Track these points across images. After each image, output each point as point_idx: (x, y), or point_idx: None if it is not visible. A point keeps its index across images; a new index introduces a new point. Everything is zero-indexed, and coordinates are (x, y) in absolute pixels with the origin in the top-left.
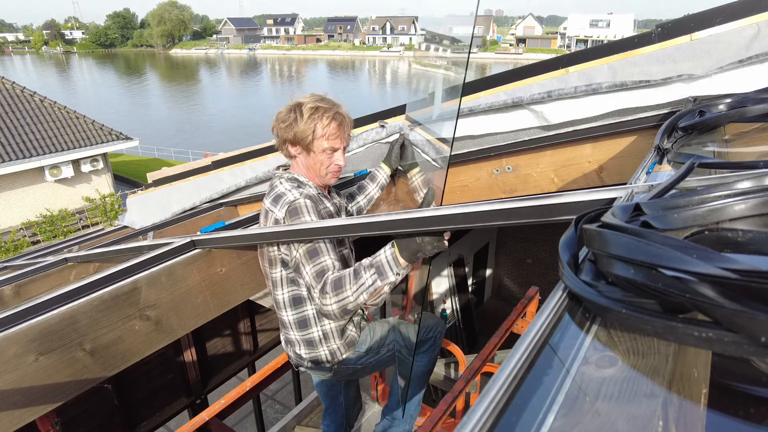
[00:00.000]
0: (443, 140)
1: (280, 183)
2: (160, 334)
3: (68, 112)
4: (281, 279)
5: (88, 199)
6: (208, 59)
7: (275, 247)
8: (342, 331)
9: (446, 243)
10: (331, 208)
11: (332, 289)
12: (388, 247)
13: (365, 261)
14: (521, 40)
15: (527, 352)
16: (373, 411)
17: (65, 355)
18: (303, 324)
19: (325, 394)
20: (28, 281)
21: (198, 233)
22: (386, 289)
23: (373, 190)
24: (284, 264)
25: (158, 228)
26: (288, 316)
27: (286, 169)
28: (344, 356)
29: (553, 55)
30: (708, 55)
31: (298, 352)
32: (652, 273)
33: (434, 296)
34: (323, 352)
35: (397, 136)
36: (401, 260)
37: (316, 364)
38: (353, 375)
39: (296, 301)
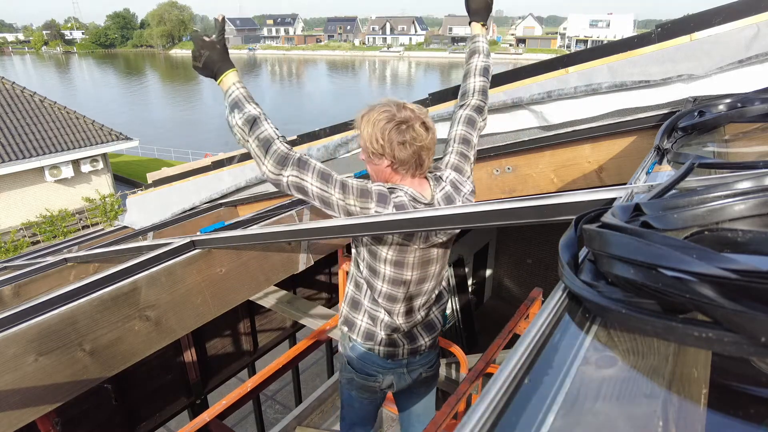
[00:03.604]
0: None
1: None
2: (160, 334)
3: (68, 112)
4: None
5: (88, 200)
6: None
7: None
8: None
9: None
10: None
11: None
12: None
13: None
14: (521, 41)
15: (527, 352)
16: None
17: (65, 355)
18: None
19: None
20: (28, 281)
21: (198, 233)
22: (229, 114)
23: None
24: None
25: (158, 228)
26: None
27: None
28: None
29: (553, 56)
30: (708, 55)
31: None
32: (652, 273)
33: None
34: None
35: None
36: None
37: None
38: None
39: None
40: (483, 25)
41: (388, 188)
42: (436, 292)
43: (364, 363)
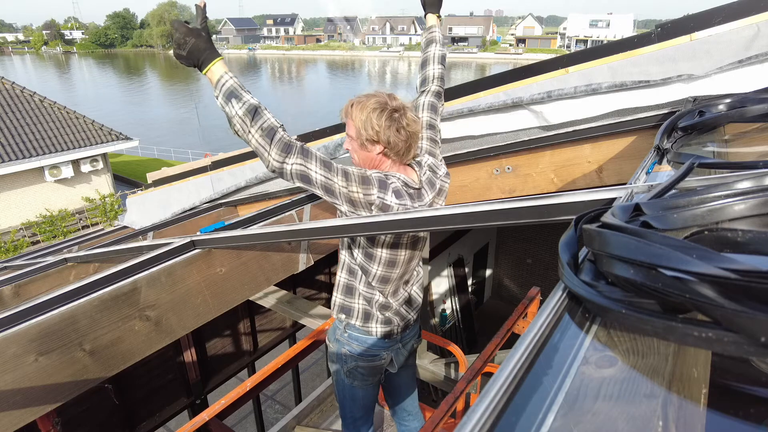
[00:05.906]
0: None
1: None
2: (160, 334)
3: (68, 112)
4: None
5: (87, 200)
6: None
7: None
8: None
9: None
10: None
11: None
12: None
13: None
14: (521, 41)
15: (527, 352)
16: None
17: (65, 355)
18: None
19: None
20: (28, 281)
21: (198, 233)
22: (225, 104)
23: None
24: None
25: (158, 228)
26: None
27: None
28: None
29: (553, 55)
30: (708, 55)
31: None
32: (652, 273)
33: (434, 296)
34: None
35: None
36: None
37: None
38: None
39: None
40: (437, 17)
41: (383, 175)
42: (417, 269)
43: (365, 346)
